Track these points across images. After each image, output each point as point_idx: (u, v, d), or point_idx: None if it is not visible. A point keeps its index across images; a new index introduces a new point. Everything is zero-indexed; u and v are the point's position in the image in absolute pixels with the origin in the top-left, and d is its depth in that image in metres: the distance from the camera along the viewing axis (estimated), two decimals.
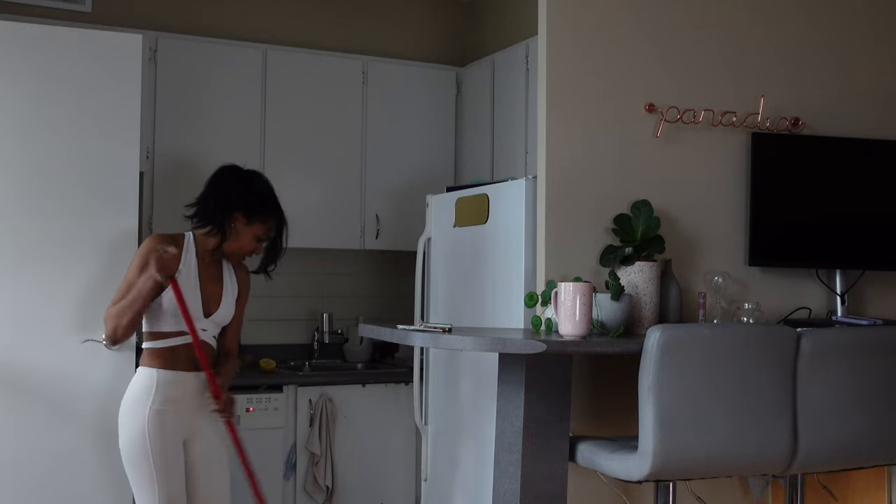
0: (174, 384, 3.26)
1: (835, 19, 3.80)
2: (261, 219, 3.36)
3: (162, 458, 3.20)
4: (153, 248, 3.23)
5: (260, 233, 3.37)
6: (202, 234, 3.35)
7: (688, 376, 2.74)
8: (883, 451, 2.99)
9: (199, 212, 3.36)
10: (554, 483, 3.03)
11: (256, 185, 3.41)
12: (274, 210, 3.40)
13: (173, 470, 3.23)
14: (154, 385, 3.24)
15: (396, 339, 3.07)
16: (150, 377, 3.25)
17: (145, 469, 3.19)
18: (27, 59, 3.74)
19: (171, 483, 3.21)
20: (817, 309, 3.70)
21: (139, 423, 3.20)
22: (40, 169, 3.75)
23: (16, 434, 3.69)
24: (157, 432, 3.20)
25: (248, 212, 3.33)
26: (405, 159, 5.09)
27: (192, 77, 4.63)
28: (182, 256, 3.29)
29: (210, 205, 3.35)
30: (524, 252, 3.56)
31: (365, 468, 4.65)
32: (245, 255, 3.42)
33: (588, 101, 3.45)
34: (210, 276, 3.36)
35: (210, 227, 3.33)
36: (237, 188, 3.37)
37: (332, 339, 5.11)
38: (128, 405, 3.26)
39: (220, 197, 3.35)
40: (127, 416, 3.24)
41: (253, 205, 3.35)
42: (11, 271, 3.71)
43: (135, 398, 3.25)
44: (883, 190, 3.71)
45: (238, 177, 3.42)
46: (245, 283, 3.48)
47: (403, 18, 5.39)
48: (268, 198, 3.40)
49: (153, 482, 3.19)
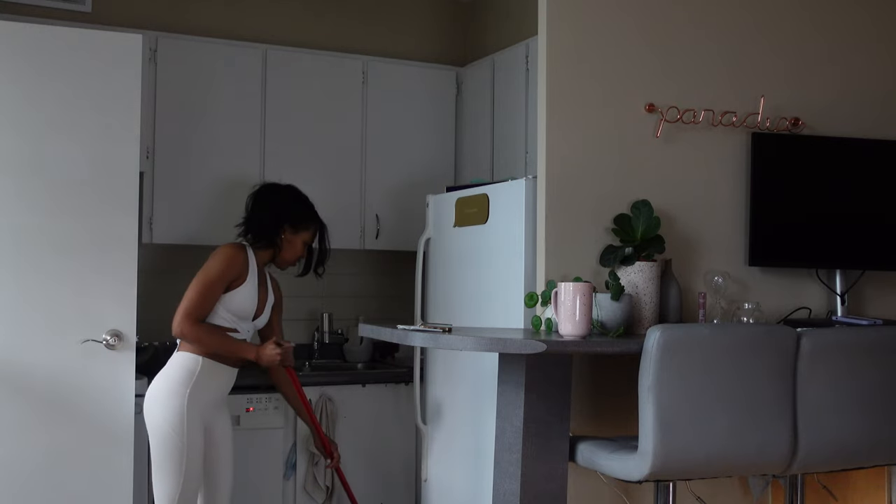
0: (213, 374, 3.52)
1: (835, 19, 3.80)
2: (305, 226, 3.75)
3: (192, 442, 3.42)
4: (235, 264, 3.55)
5: (307, 238, 3.76)
6: (257, 248, 3.69)
7: (688, 376, 2.74)
8: (883, 451, 2.99)
9: (251, 231, 3.71)
10: (554, 483, 3.03)
11: (296, 196, 3.79)
12: (315, 216, 3.80)
13: (197, 458, 3.45)
14: (197, 371, 3.47)
15: (396, 339, 3.07)
16: (195, 363, 3.49)
17: (177, 451, 3.40)
18: (27, 59, 3.74)
19: (194, 467, 3.43)
20: (817, 309, 3.70)
21: (178, 406, 3.42)
22: (40, 168, 3.75)
23: (16, 434, 3.68)
24: (191, 417, 3.43)
25: (294, 222, 3.71)
26: (405, 159, 5.08)
27: (192, 77, 4.63)
28: (249, 265, 3.61)
29: (259, 222, 3.70)
30: (524, 252, 3.56)
31: (365, 468, 4.65)
32: (296, 261, 3.78)
33: (588, 102, 3.45)
34: (262, 283, 3.70)
35: (263, 241, 3.68)
36: (279, 202, 3.74)
37: (332, 339, 5.11)
38: (166, 386, 3.46)
39: (266, 213, 3.71)
40: (165, 398, 3.44)
41: (297, 214, 3.73)
42: (11, 271, 3.70)
43: (175, 381, 3.46)
44: (883, 190, 3.72)
45: (278, 192, 3.79)
46: (279, 292, 3.84)
47: (403, 18, 5.39)
48: (308, 206, 3.79)
49: (181, 465, 3.40)
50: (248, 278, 3.59)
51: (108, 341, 3.75)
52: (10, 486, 3.67)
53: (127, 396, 3.78)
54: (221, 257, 3.56)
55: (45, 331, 3.73)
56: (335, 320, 5.13)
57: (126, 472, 3.77)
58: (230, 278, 3.55)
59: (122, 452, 3.76)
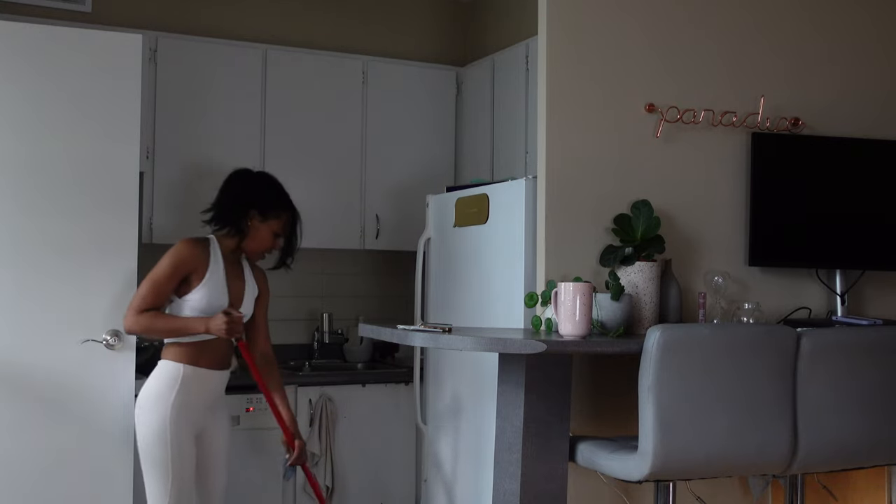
0: (197, 381, 3.41)
1: (835, 19, 3.80)
2: (275, 214, 3.54)
3: (179, 451, 3.34)
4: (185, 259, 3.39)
5: (276, 228, 3.55)
6: (222, 235, 3.52)
7: (688, 376, 2.74)
8: (883, 451, 2.99)
9: (216, 215, 3.55)
10: (554, 483, 3.03)
11: (267, 183, 3.61)
12: (287, 205, 3.59)
13: (187, 464, 3.36)
14: (179, 379, 3.38)
15: (396, 339, 3.07)
16: (176, 371, 3.39)
17: (161, 461, 3.32)
18: (27, 59, 3.74)
19: (183, 477, 3.35)
20: (817, 309, 3.70)
21: (161, 416, 3.33)
22: (40, 169, 3.75)
23: (15, 434, 3.68)
24: (176, 426, 3.34)
25: (262, 209, 3.52)
26: (405, 159, 5.08)
27: (192, 77, 4.63)
28: (210, 257, 3.44)
29: (225, 207, 3.54)
30: (524, 252, 3.56)
31: (365, 468, 4.65)
32: (265, 252, 3.59)
33: (588, 102, 3.45)
34: (235, 274, 3.53)
35: (228, 228, 3.50)
36: (249, 188, 3.57)
37: (332, 339, 5.11)
38: (150, 398, 3.38)
39: (234, 198, 3.55)
40: (149, 408, 3.36)
41: (266, 202, 3.53)
42: (11, 271, 3.70)
43: (158, 391, 3.37)
44: (883, 190, 3.71)
45: (249, 177, 3.63)
46: (264, 283, 3.68)
47: (403, 18, 5.39)
48: (279, 194, 3.60)
49: (167, 475, 3.32)
50: (210, 272, 3.41)
51: (108, 341, 3.75)
52: (10, 486, 3.67)
53: (127, 396, 3.77)
54: (171, 253, 3.41)
55: (46, 331, 3.73)
56: (335, 320, 5.13)
57: (126, 472, 3.77)
58: (183, 273, 3.39)
59: (122, 452, 3.76)
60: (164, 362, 3.43)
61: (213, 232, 3.55)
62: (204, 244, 3.47)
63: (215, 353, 3.46)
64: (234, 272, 3.52)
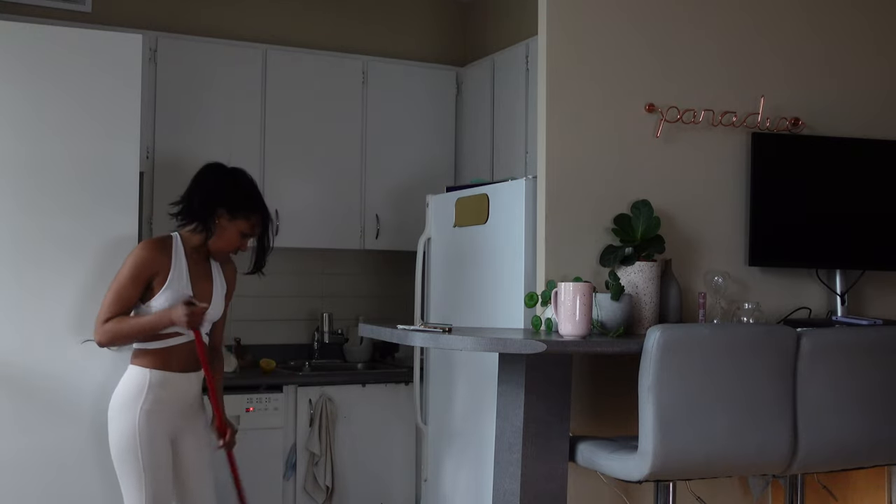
0: (166, 385, 3.29)
1: (835, 19, 3.80)
2: (244, 214, 3.36)
3: (151, 457, 3.23)
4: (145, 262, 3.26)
5: (245, 228, 3.37)
6: (188, 231, 3.37)
7: (688, 376, 2.74)
8: (883, 451, 2.99)
9: (183, 210, 3.38)
10: (554, 483, 3.03)
11: (239, 181, 3.43)
12: (257, 206, 3.40)
13: (161, 469, 3.26)
14: (146, 385, 3.26)
15: (396, 339, 3.07)
16: (143, 377, 3.27)
17: (133, 467, 3.23)
18: (27, 59, 3.74)
19: (157, 482, 3.24)
20: (817, 309, 3.70)
21: (130, 423, 3.23)
22: (40, 169, 3.75)
23: (15, 434, 3.68)
24: (146, 432, 3.23)
25: (231, 207, 3.34)
26: (405, 159, 5.09)
27: (192, 77, 4.63)
28: (172, 257, 3.30)
29: (193, 202, 3.36)
30: (524, 252, 3.56)
31: (365, 468, 4.65)
32: (231, 252, 3.42)
33: (588, 102, 3.45)
34: (200, 273, 3.37)
35: (194, 224, 3.35)
36: (220, 184, 3.39)
37: (332, 339, 5.11)
38: (118, 404, 3.29)
39: (203, 194, 3.36)
40: (117, 415, 3.27)
41: (236, 200, 3.35)
42: (11, 271, 3.70)
43: (126, 397, 3.27)
44: (883, 190, 3.71)
45: (221, 173, 3.44)
46: (232, 279, 3.51)
47: (403, 18, 5.39)
48: (251, 194, 3.42)
49: (140, 481, 3.23)
50: (172, 274, 3.27)
51: None
52: (10, 486, 3.67)
53: None
54: (130, 257, 3.29)
55: (46, 331, 3.73)
56: (335, 320, 5.13)
57: None
58: (145, 277, 3.26)
59: None
60: (131, 367, 3.31)
61: (178, 227, 3.40)
62: (165, 244, 3.33)
63: (185, 355, 3.31)
64: (199, 271, 3.37)
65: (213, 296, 3.38)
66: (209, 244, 3.36)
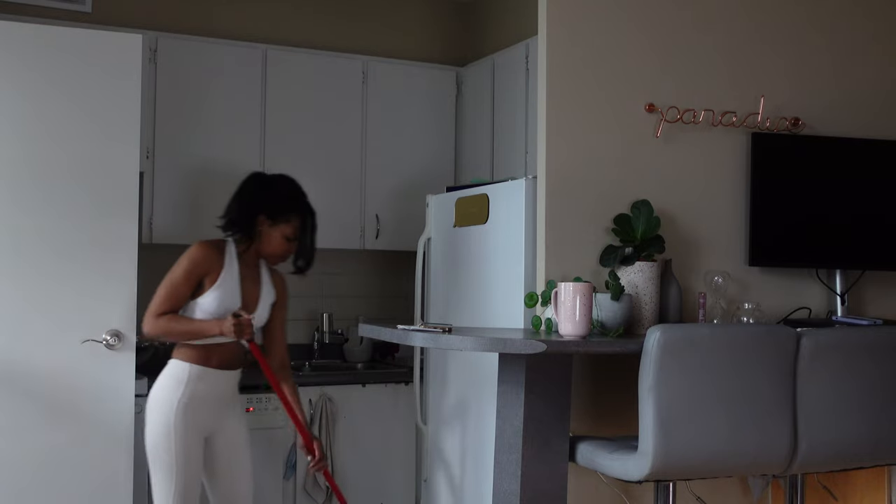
0: (205, 380, 3.40)
1: (834, 19, 3.80)
2: (284, 218, 3.48)
3: (183, 451, 3.33)
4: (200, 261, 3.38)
5: (288, 232, 3.49)
6: (236, 239, 3.49)
7: (688, 376, 2.74)
8: (883, 451, 2.99)
9: (227, 220, 3.51)
10: (554, 483, 3.03)
11: (278, 186, 3.55)
12: (296, 208, 3.52)
13: (192, 464, 3.35)
14: (186, 379, 3.37)
15: (396, 339, 3.07)
16: (183, 371, 3.38)
17: (166, 460, 3.32)
18: (27, 60, 3.74)
19: (187, 477, 3.34)
20: (817, 309, 3.70)
21: (167, 415, 3.33)
22: (40, 169, 3.75)
23: (15, 433, 3.68)
24: (182, 425, 3.33)
25: (270, 213, 3.47)
26: (405, 159, 5.08)
27: (192, 77, 4.63)
28: (224, 261, 3.42)
29: (234, 211, 3.50)
30: (524, 252, 3.56)
31: (365, 468, 4.65)
32: (281, 256, 3.54)
33: (588, 101, 3.45)
34: (250, 277, 3.50)
35: (238, 233, 3.47)
36: (260, 191, 3.52)
37: (332, 339, 5.11)
38: (158, 396, 3.38)
39: (242, 202, 3.51)
40: (156, 406, 3.37)
41: (274, 205, 3.48)
42: (11, 271, 3.70)
43: (165, 389, 3.37)
44: (883, 190, 3.72)
45: (260, 181, 3.57)
46: (282, 289, 3.63)
47: (403, 18, 5.39)
48: (291, 197, 3.54)
49: (171, 474, 3.32)
50: (223, 274, 3.39)
51: (108, 341, 3.75)
52: (10, 486, 3.67)
53: (127, 396, 3.78)
54: (185, 256, 3.40)
55: (46, 331, 3.73)
56: (335, 320, 5.13)
57: (126, 472, 3.77)
58: (198, 275, 3.38)
59: (122, 452, 3.76)
60: (173, 361, 3.43)
61: (228, 237, 3.52)
62: (219, 246, 3.45)
63: (226, 353, 3.43)
64: (249, 275, 3.49)
65: (259, 302, 3.49)
66: (259, 250, 3.50)
